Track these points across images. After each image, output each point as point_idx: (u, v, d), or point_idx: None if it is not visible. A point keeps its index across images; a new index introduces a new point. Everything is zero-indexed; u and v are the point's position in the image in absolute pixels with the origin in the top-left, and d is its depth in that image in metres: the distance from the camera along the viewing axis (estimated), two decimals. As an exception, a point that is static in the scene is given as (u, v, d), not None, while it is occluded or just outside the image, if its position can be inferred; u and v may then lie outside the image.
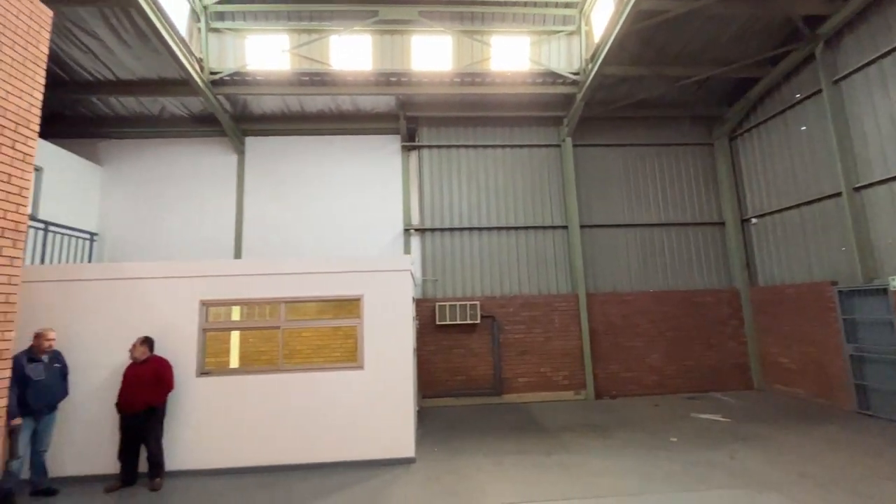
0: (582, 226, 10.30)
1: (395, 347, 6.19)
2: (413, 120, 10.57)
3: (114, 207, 9.95)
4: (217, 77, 9.34)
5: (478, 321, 9.52)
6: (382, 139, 10.66)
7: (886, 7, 7.41)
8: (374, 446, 5.90)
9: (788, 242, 9.35)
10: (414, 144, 10.58)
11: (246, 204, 10.21)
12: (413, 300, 6.85)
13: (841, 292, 7.98)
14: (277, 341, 6.23)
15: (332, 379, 6.04)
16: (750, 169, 10.38)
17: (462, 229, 10.26)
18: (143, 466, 5.47)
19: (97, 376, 5.72)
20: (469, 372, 9.54)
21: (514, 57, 10.19)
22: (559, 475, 5.38)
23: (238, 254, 9.95)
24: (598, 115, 10.49)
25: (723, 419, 7.64)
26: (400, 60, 10.03)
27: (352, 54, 10.06)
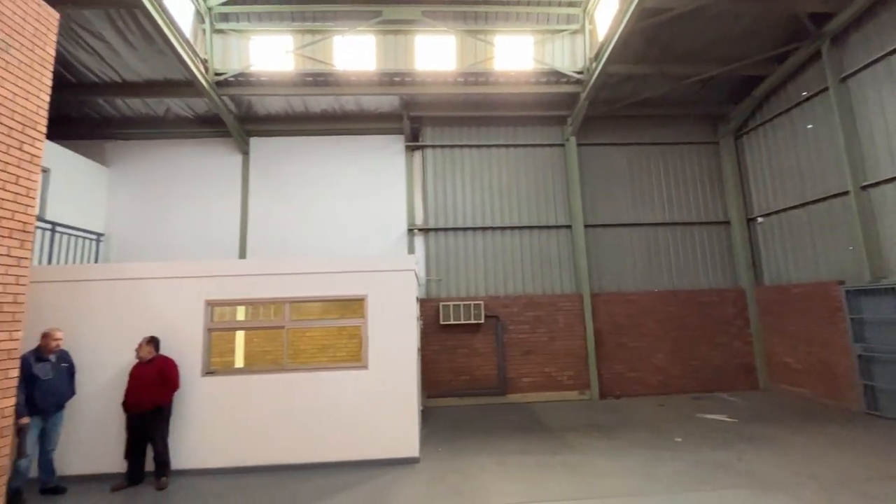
0: (586, 225, 10.28)
1: (400, 347, 6.19)
2: (417, 120, 10.58)
3: (120, 208, 10.02)
4: (222, 78, 9.40)
5: (482, 321, 9.52)
6: (386, 139, 10.67)
7: (893, 4, 7.34)
8: (379, 446, 5.91)
9: (795, 241, 9.28)
10: (418, 144, 10.59)
11: (250, 204, 10.26)
12: (417, 300, 6.85)
13: (848, 292, 7.91)
14: (282, 341, 6.26)
15: (337, 379, 6.05)
16: (756, 167, 10.31)
17: (466, 229, 10.26)
18: (150, 465, 5.52)
19: (103, 376, 5.77)
20: (473, 372, 9.54)
21: (518, 56, 10.17)
22: (564, 475, 5.37)
23: (243, 254, 10.00)
24: (603, 114, 10.46)
25: (728, 419, 7.60)
26: (403, 60, 10.04)
27: (355, 54, 10.08)
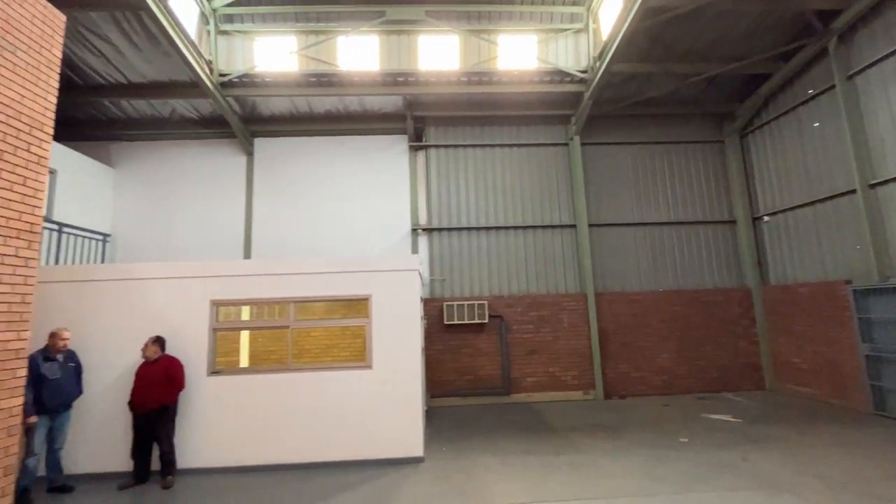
0: (590, 225, 10.24)
1: (404, 347, 6.20)
2: (420, 120, 10.58)
3: (126, 209, 10.09)
4: (226, 79, 9.44)
5: (486, 321, 9.51)
6: (390, 139, 10.68)
7: (902, 0, 7.28)
8: (383, 445, 5.92)
9: (801, 240, 9.21)
10: (421, 144, 10.59)
11: (255, 204, 10.30)
12: (421, 300, 6.86)
13: (856, 291, 7.84)
14: (287, 341, 6.27)
15: (341, 378, 6.07)
16: (761, 166, 10.24)
17: (470, 229, 10.25)
18: (156, 464, 5.55)
19: (110, 375, 5.81)
20: (477, 371, 9.53)
21: (522, 55, 10.15)
22: (568, 475, 5.35)
23: (247, 254, 10.04)
24: (607, 114, 10.42)
25: (734, 420, 7.56)
26: (407, 60, 10.04)
27: (359, 55, 10.10)
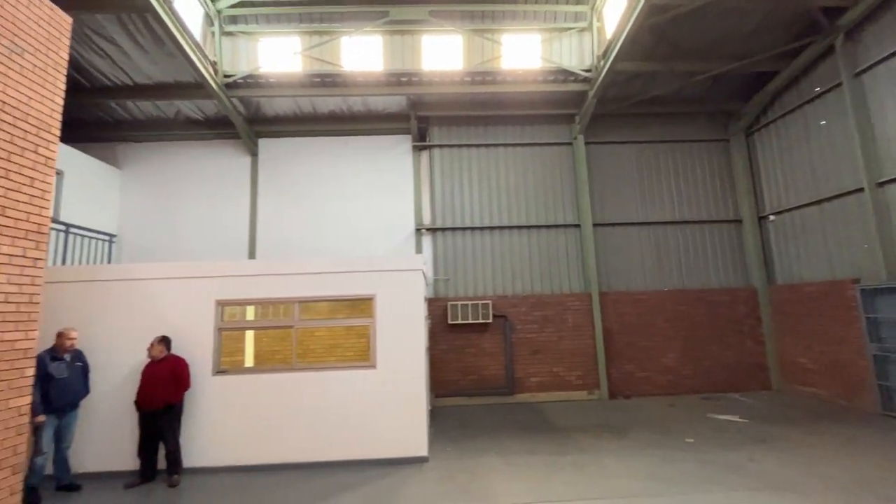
0: (595, 224, 10.20)
1: (408, 347, 6.20)
2: (424, 120, 10.59)
3: (132, 209, 10.16)
4: (231, 80, 9.48)
5: (490, 320, 9.50)
6: (393, 139, 10.69)
7: (910, -4, 7.21)
8: (387, 445, 5.92)
9: (808, 240, 9.13)
10: (425, 144, 10.59)
11: (259, 205, 10.34)
12: (425, 300, 6.86)
13: (863, 290, 7.77)
14: (291, 340, 6.30)
15: (345, 378, 6.08)
16: (767, 165, 10.16)
17: (473, 228, 10.25)
18: (162, 463, 5.58)
19: (116, 375, 5.85)
20: (481, 371, 9.53)
21: (525, 55, 10.12)
22: (572, 475, 5.34)
23: (252, 254, 10.08)
24: (611, 112, 10.38)
25: (740, 420, 7.51)
26: (410, 60, 10.05)
27: (362, 55, 10.11)
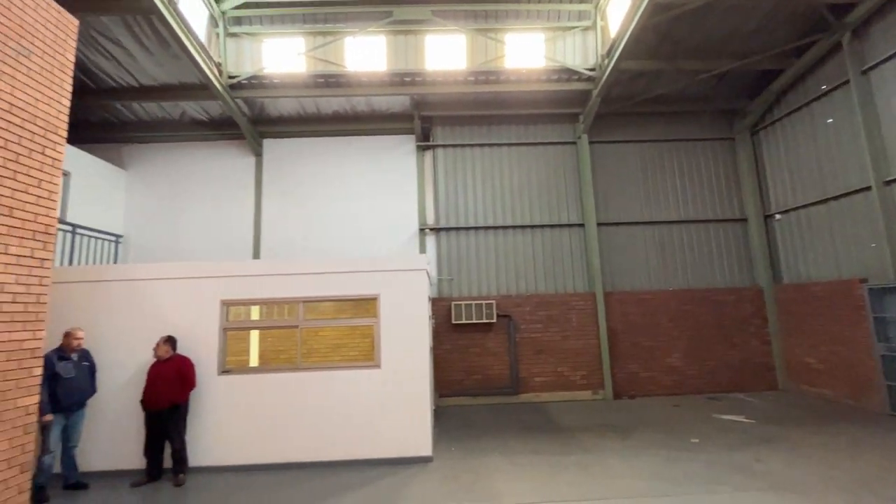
0: (599, 224, 10.17)
1: (412, 346, 6.21)
2: (427, 119, 10.59)
3: (137, 210, 10.23)
4: (235, 81, 9.52)
5: (494, 320, 9.49)
6: (397, 139, 10.70)
7: (918, -7, 7.14)
8: (392, 445, 5.93)
9: (814, 238, 9.06)
10: (428, 144, 10.60)
11: (264, 205, 10.38)
12: (429, 299, 6.86)
13: (871, 290, 7.70)
14: (296, 340, 6.32)
15: (350, 378, 6.09)
16: (773, 163, 10.09)
17: (477, 228, 10.24)
18: (168, 462, 5.61)
19: (122, 374, 5.89)
20: (485, 371, 9.52)
21: (529, 54, 10.10)
22: (577, 475, 5.32)
23: (257, 254, 10.13)
24: (615, 111, 10.34)
25: (746, 420, 7.46)
26: (414, 60, 10.05)
27: (366, 55, 10.12)
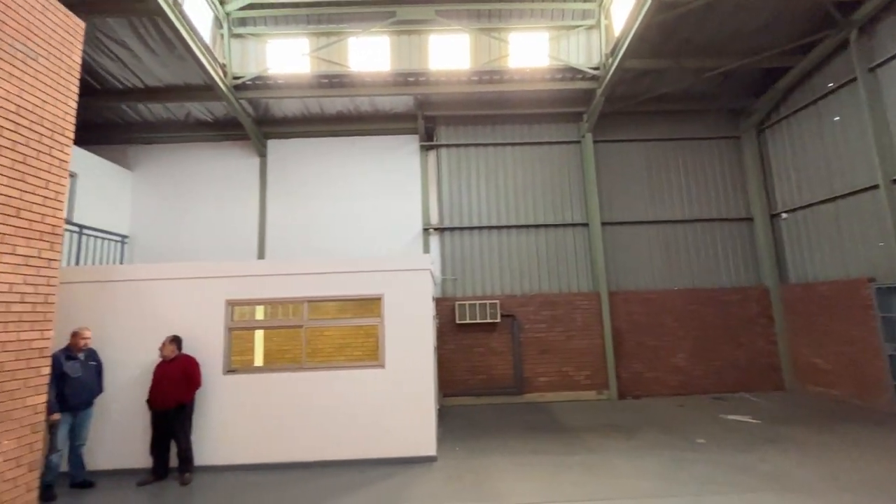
0: (603, 223, 10.13)
1: (416, 346, 6.21)
2: (431, 119, 10.59)
3: (143, 210, 10.30)
4: (240, 82, 9.56)
5: (498, 320, 9.48)
6: (401, 139, 10.71)
7: (927, -11, 7.06)
8: (396, 444, 5.94)
9: (821, 238, 8.99)
10: (432, 144, 10.60)
11: (268, 205, 10.42)
12: (433, 299, 6.87)
13: (879, 289, 7.64)
14: (300, 340, 6.33)
15: (354, 377, 6.10)
16: (779, 162, 10.02)
17: (481, 228, 10.23)
18: (174, 461, 5.64)
19: (129, 374, 5.93)
20: (489, 371, 9.51)
21: (533, 53, 10.08)
22: (582, 475, 5.31)
23: (261, 254, 10.16)
24: (619, 110, 10.30)
25: (752, 420, 7.41)
26: (417, 60, 10.05)
27: (370, 55, 10.14)
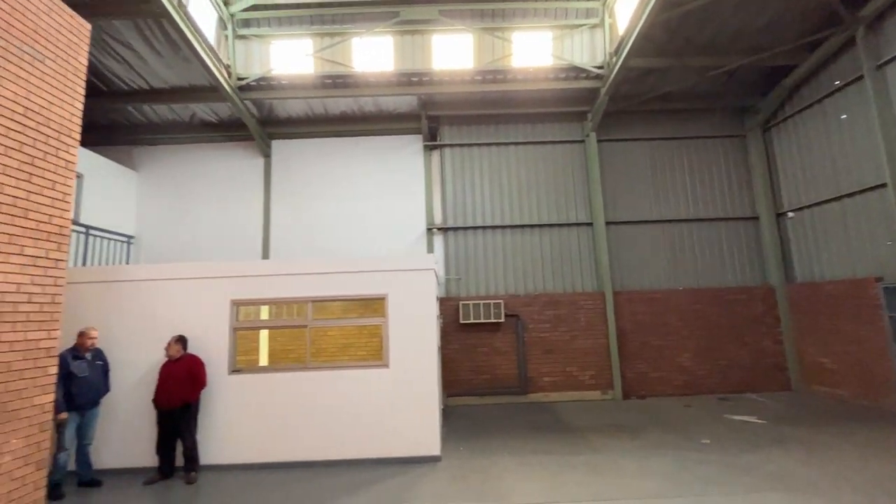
0: (607, 222, 10.10)
1: (420, 346, 6.21)
2: (435, 119, 10.59)
3: (149, 211, 10.36)
4: (244, 83, 9.60)
5: (502, 320, 9.47)
6: (404, 139, 10.72)
7: (935, -15, 6.99)
8: (400, 444, 5.95)
9: (828, 237, 8.91)
10: (436, 144, 10.60)
11: (272, 205, 10.46)
12: (437, 299, 6.86)
13: (887, 288, 7.57)
14: (305, 340, 6.36)
15: (358, 377, 6.12)
16: (785, 161, 9.94)
17: (485, 227, 10.22)
18: (180, 461, 5.67)
19: (135, 373, 5.97)
20: (493, 371, 9.50)
21: (536, 52, 10.05)
22: (586, 475, 5.29)
23: (266, 254, 10.20)
24: (623, 109, 10.26)
25: (758, 421, 7.37)
26: (421, 60, 10.06)
27: (373, 56, 10.15)
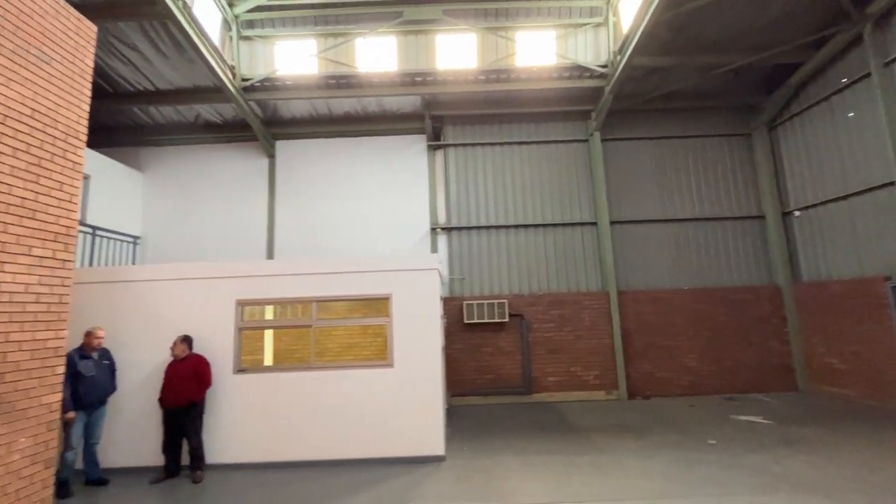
0: (612, 222, 10.07)
1: (424, 346, 6.22)
2: (438, 119, 10.59)
3: (154, 212, 10.43)
4: (248, 83, 9.64)
5: (506, 319, 9.46)
6: (408, 139, 10.73)
7: (944, -19, 6.91)
8: (404, 444, 5.95)
9: (835, 235, 8.84)
10: (439, 143, 10.60)
11: (277, 206, 10.50)
12: (441, 299, 6.86)
13: (895, 288, 7.50)
14: (309, 340, 6.38)
15: (362, 377, 6.13)
16: (792, 159, 9.87)
17: (489, 227, 10.21)
18: (186, 460, 5.70)
19: (141, 373, 6.01)
20: (498, 370, 9.49)
21: (540, 52, 10.02)
22: (591, 476, 5.28)
23: (270, 254, 10.24)
24: (628, 108, 10.22)
25: (765, 421, 7.32)
26: (425, 60, 10.06)
27: (377, 56, 10.16)
